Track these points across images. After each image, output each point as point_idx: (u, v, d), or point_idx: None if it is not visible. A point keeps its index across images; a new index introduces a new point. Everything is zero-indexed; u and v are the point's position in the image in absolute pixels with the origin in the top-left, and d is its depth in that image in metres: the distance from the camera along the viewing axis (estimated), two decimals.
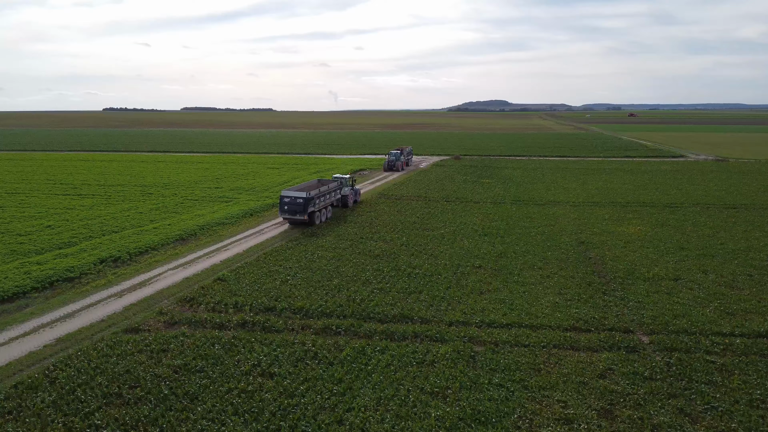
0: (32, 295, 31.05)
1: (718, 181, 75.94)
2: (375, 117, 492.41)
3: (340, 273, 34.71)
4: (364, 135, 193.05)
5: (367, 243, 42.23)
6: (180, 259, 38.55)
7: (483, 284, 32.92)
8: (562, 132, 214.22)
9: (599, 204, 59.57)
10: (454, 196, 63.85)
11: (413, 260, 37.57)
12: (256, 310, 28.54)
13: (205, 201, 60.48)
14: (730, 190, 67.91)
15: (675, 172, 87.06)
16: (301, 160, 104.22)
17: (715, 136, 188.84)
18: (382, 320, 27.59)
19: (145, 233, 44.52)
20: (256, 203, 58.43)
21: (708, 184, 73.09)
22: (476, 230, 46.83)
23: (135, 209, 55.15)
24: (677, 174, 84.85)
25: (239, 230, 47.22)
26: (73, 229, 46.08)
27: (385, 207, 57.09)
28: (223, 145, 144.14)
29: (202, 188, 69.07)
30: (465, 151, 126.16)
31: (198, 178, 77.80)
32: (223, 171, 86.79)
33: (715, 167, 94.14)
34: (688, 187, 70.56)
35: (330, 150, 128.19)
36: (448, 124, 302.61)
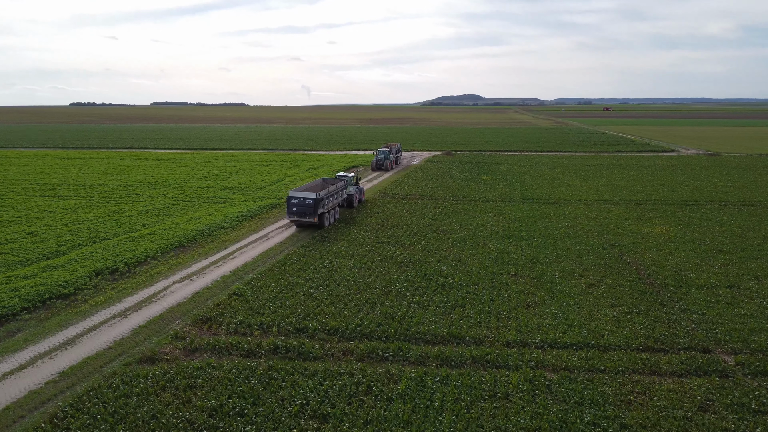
0: (23, 316, 27.14)
1: (721, 177, 74.52)
2: (351, 111, 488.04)
3: (367, 284, 31.48)
4: (346, 130, 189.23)
5: (386, 248, 39.04)
6: (184, 269, 34.84)
7: (526, 295, 30.04)
8: (544, 126, 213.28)
9: (613, 202, 57.28)
10: (461, 195, 60.97)
11: (442, 268, 34.53)
12: (286, 332, 25.17)
13: (198, 202, 56.51)
14: (739, 186, 66.42)
15: (673, 168, 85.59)
16: (288, 157, 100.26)
17: (697, 130, 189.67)
18: (430, 342, 24.51)
19: (140, 240, 40.59)
20: (253, 204, 54.67)
21: (712, 180, 71.58)
22: (497, 232, 44.00)
23: (123, 212, 50.99)
24: (676, 169, 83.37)
25: (242, 235, 43.57)
26: (59, 235, 41.89)
27: (392, 207, 53.88)
28: (202, 140, 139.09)
29: (191, 188, 64.93)
30: (451, 146, 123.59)
31: (185, 177, 73.49)
32: (209, 169, 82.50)
33: (711, 162, 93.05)
34: (694, 183, 68.86)
35: (315, 146, 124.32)
36: (428, 119, 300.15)
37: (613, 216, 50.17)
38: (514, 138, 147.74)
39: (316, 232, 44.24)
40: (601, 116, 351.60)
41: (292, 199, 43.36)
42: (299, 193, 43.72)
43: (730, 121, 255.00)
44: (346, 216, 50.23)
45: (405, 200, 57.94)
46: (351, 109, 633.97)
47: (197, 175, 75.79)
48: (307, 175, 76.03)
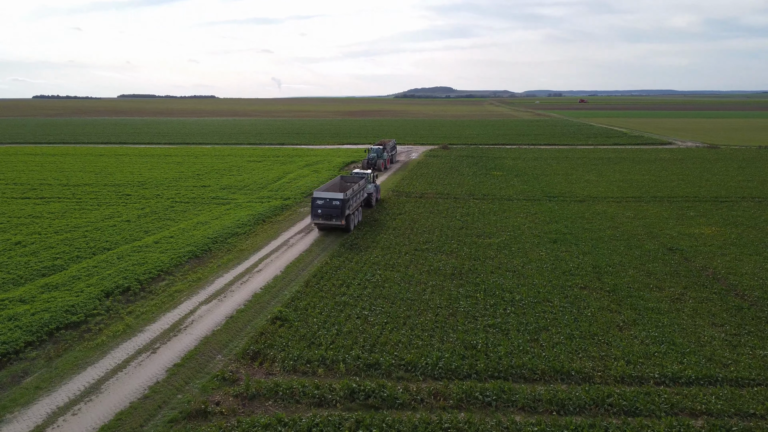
0: (28, 354, 22.37)
1: (735, 171, 72.40)
2: (324, 104, 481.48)
3: (426, 303, 27.42)
4: (330, 123, 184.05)
5: (428, 256, 35.00)
6: (206, 286, 30.25)
7: (611, 314, 26.37)
8: (528, 119, 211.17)
9: (642, 199, 54.18)
10: (479, 192, 57.20)
11: (501, 280, 30.64)
12: (356, 369, 20.96)
13: (198, 204, 51.59)
14: (759, 181, 64.33)
15: (680, 161, 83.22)
16: (279, 152, 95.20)
17: (682, 121, 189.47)
18: (530, 378, 20.64)
19: (147, 250, 35.75)
20: (261, 206, 50.01)
21: (729, 174, 69.39)
22: (538, 236, 40.31)
23: (118, 216, 45.87)
24: (684, 163, 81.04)
25: (259, 242, 39.02)
26: (51, 245, 36.78)
27: (413, 207, 49.81)
28: (182, 135, 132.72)
29: (186, 187, 59.82)
30: (443, 139, 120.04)
31: (175, 175, 68.16)
32: (199, 165, 77.16)
33: (715, 155, 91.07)
34: (712, 178, 66.41)
35: (302, 140, 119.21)
36: (408, 111, 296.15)
37: (651, 215, 46.96)
38: (505, 131, 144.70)
39: (343, 236, 39.99)
40: (577, 108, 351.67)
41: (317, 200, 39.33)
42: (324, 193, 39.66)
43: (710, 113, 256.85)
44: (366, 217, 46.03)
45: (423, 199, 53.90)
46: (324, 101, 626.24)
47: (188, 172, 70.49)
48: (307, 171, 71.43)
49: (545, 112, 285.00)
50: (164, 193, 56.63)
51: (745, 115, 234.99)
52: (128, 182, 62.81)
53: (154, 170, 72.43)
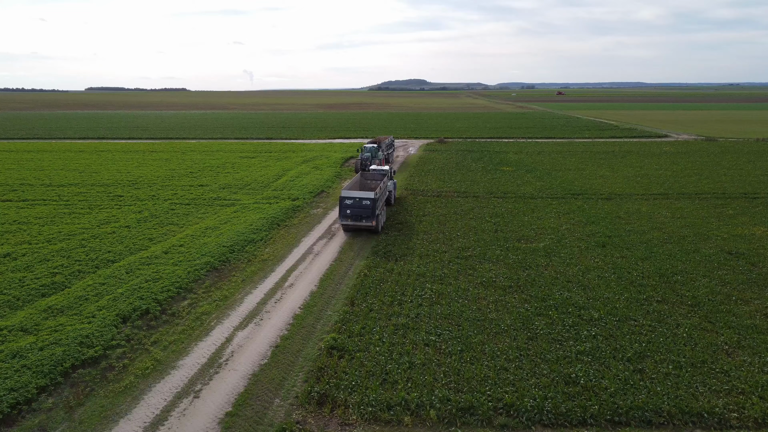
0: (43, 403, 18.32)
1: (748, 164, 70.68)
2: (301, 97, 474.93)
3: (496, 324, 24.12)
4: (314, 116, 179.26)
5: (474, 265, 31.73)
6: (236, 306, 26.36)
7: (708, 334, 23.44)
8: (513, 111, 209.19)
9: (670, 196, 51.60)
10: (498, 190, 54.00)
11: (567, 294, 27.39)
12: (448, 416, 17.41)
13: (200, 205, 47.36)
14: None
15: (686, 154, 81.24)
16: (271, 147, 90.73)
17: (667, 113, 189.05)
18: (655, 422, 17.40)
19: (158, 262, 31.62)
20: (270, 207, 46.02)
21: (745, 168, 67.66)
22: (581, 239, 37.24)
23: (115, 221, 41.45)
24: (692, 156, 79.14)
25: (280, 250, 35.15)
26: (46, 257, 32.38)
27: (435, 208, 46.39)
28: (163, 129, 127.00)
29: (182, 187, 55.39)
30: (433, 132, 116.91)
31: (167, 173, 63.53)
32: (189, 162, 72.47)
33: (719, 148, 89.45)
34: (730, 172, 64.48)
35: (291, 134, 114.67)
36: (388, 104, 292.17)
37: (690, 214, 44.29)
38: (495, 124, 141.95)
39: (370, 240, 36.46)
40: (556, 101, 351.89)
41: (346, 199, 36.71)
42: (354, 192, 36.92)
43: (690, 105, 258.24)
44: (389, 219, 42.41)
45: (441, 198, 50.48)
46: (298, 94, 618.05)
47: (181, 170, 65.85)
48: (307, 168, 67.38)
49: (526, 104, 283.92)
50: (160, 193, 52.14)
51: (727, 107, 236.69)
52: (117, 181, 58.03)
53: (143, 168, 67.60)
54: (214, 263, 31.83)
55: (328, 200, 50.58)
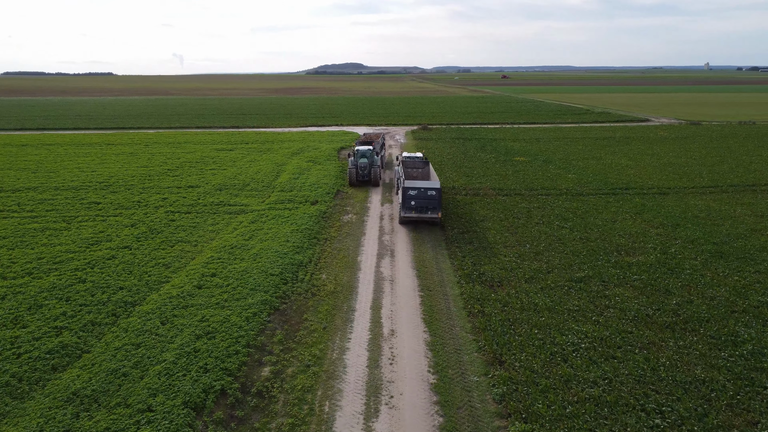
0: None
1: (761, 149, 67.35)
2: (240, 81, 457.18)
3: (716, 389, 17.56)
4: (268, 102, 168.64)
5: (597, 289, 25.60)
6: (341, 374, 19.24)
7: None
8: (470, 95, 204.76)
9: (724, 189, 47.38)
10: (535, 186, 48.27)
11: (741, 329, 21.29)
12: None
13: (204, 213, 39.15)
14: None
15: (685, 140, 78.09)
16: (245, 137, 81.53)
17: (627, 96, 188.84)
18: None
19: (195, 303, 23.69)
20: (294, 214, 38.46)
21: (763, 153, 64.09)
22: (686, 247, 31.98)
23: (107, 239, 32.81)
24: (693, 141, 76.14)
25: (343, 276, 27.99)
26: (37, 302, 23.80)
27: (485, 210, 40.14)
28: (109, 118, 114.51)
29: (168, 189, 46.67)
30: (403, 118, 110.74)
31: (140, 171, 54.19)
32: (160, 157, 62.98)
33: (711, 132, 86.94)
34: (757, 159, 60.75)
35: (257, 122, 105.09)
36: (338, 88, 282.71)
37: None
38: (463, 109, 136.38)
39: (444, 253, 29.56)
40: (502, 84, 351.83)
41: (410, 190, 34.71)
42: (417, 182, 35.01)
43: (638, 88, 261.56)
44: (451, 227, 35.45)
45: (483, 197, 44.02)
46: (234, 78, 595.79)
47: (155, 167, 56.53)
48: (303, 162, 59.50)
49: (477, 88, 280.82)
50: (145, 198, 43.15)
51: (677, 90, 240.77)
52: (85, 183, 48.36)
53: (108, 165, 57.71)
54: (271, 301, 24.06)
55: (352, 203, 43.15)
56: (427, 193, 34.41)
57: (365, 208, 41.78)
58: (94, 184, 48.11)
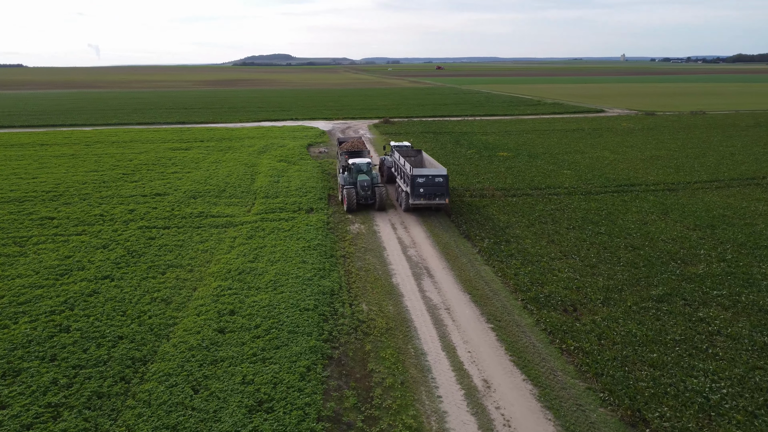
0: None
1: (731, 139, 67.63)
2: (170, 73, 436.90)
3: None
4: (207, 95, 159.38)
5: (686, 311, 22.27)
6: None
7: None
8: (416, 87, 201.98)
9: (727, 183, 46.24)
10: (536, 184, 45.52)
11: None
12: None
13: (184, 228, 33.80)
14: None
15: (651, 131, 78.10)
16: (197, 134, 74.66)
17: (574, 87, 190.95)
18: None
19: (223, 355, 18.95)
20: (294, 226, 33.61)
21: (748, 146, 64.17)
22: (740, 252, 29.18)
23: (78, 266, 27.04)
24: (660, 132, 76.17)
25: (386, 305, 23.50)
26: (9, 361, 18.09)
27: (502, 214, 36.77)
28: (34, 114, 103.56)
29: (131, 198, 40.73)
30: (360, 112, 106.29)
31: (90, 177, 47.56)
32: (107, 159, 56.15)
33: (671, 123, 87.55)
34: (737, 150, 60.56)
35: (204, 117, 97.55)
36: (276, 80, 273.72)
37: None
38: (418, 101, 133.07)
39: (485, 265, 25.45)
40: (438, 75, 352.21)
41: (418, 178, 35.43)
42: (425, 170, 36.02)
43: (571, 79, 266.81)
44: (475, 233, 31.51)
45: (490, 199, 40.54)
46: (157, 70, 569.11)
47: (106, 171, 49.89)
48: (276, 162, 54.37)
49: (417, 79, 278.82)
50: (108, 211, 36.92)
51: (609, 80, 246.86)
52: (29, 193, 41.33)
53: (50, 169, 50.36)
54: (321, 348, 19.38)
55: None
56: (435, 180, 35.38)
57: (370, 215, 37.24)
58: (39, 194, 41.10)
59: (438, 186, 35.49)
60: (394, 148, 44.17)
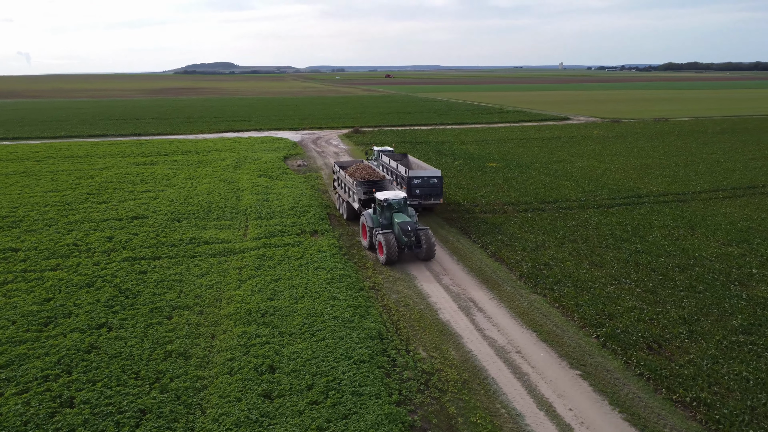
0: None
1: (707, 146, 67.87)
2: (109, 81, 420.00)
3: None
4: (155, 104, 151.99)
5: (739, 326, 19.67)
6: None
7: None
8: (372, 95, 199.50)
9: (734, 193, 45.19)
10: (548, 197, 43.37)
11: None
12: None
13: (178, 257, 29.77)
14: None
15: (625, 138, 78.07)
16: (157, 147, 69.44)
17: (529, 95, 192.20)
18: None
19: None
20: (305, 252, 30.03)
21: (729, 153, 64.25)
22: None
23: (63, 311, 22.82)
24: (637, 140, 75.94)
25: (440, 345, 20.36)
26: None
27: (524, 231, 33.94)
28: None
29: (106, 223, 36.12)
30: (322, 121, 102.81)
31: (52, 198, 42.73)
32: (65, 176, 50.85)
33: (637, 130, 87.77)
34: (724, 158, 60.24)
35: (161, 128, 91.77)
36: (224, 89, 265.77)
37: None
38: (380, 109, 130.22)
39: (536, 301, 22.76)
40: (389, 83, 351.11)
41: (414, 179, 37.14)
42: (421, 172, 37.67)
43: (524, 86, 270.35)
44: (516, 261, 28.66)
45: (505, 215, 37.89)
46: (96, 78, 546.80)
47: (68, 190, 44.94)
48: (256, 178, 50.40)
49: (369, 87, 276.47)
50: (82, 239, 32.29)
51: (559, 88, 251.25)
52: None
53: (1, 190, 44.55)
54: (398, 415, 16.04)
55: (359, 230, 34.94)
56: (430, 182, 37.17)
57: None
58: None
59: (433, 187, 37.19)
60: (381, 153, 44.78)
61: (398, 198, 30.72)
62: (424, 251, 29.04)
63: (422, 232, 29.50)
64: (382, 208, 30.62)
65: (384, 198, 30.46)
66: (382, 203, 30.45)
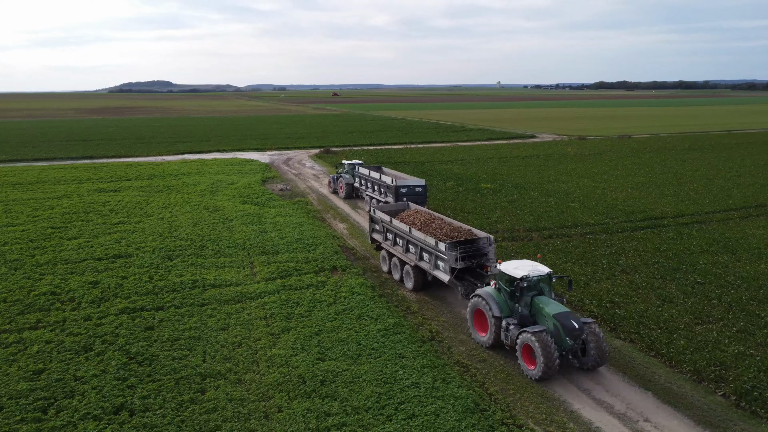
0: None
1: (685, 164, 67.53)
2: (33, 101, 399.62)
3: None
4: (100, 125, 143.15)
5: None
6: None
7: None
8: (324, 114, 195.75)
9: (748, 213, 44.20)
10: (566, 221, 40.84)
11: None
12: None
13: (182, 307, 25.16)
14: None
15: (601, 155, 77.85)
16: (116, 172, 63.34)
17: (485, 112, 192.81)
18: None
19: None
20: (334, 294, 25.62)
21: (715, 171, 64.09)
22: None
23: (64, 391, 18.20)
24: (614, 157, 75.69)
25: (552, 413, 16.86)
26: None
27: (564, 261, 30.83)
28: None
29: (84, 264, 31.02)
30: (284, 141, 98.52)
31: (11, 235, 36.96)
32: (19, 206, 45.00)
33: (608, 147, 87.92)
34: (715, 176, 59.63)
35: (119, 150, 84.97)
36: (170, 108, 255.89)
37: None
38: (342, 128, 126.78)
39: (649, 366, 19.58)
40: (336, 101, 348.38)
41: (401, 188, 40.72)
42: (408, 182, 41.39)
43: (470, 104, 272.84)
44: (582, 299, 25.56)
45: (524, 242, 34.79)
46: (20, 97, 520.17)
47: (27, 224, 39.36)
48: (235, 203, 45.50)
49: (318, 106, 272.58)
50: (61, 285, 27.10)
51: (512, 105, 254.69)
52: None
53: None
54: None
55: (374, 263, 31.07)
56: (415, 190, 40.85)
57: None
58: None
59: (418, 195, 40.72)
60: (354, 165, 49.06)
61: (539, 273, 20.19)
62: (593, 359, 18.96)
63: (586, 326, 19.22)
64: (520, 293, 20.09)
65: (522, 276, 19.93)
66: (520, 285, 19.89)
